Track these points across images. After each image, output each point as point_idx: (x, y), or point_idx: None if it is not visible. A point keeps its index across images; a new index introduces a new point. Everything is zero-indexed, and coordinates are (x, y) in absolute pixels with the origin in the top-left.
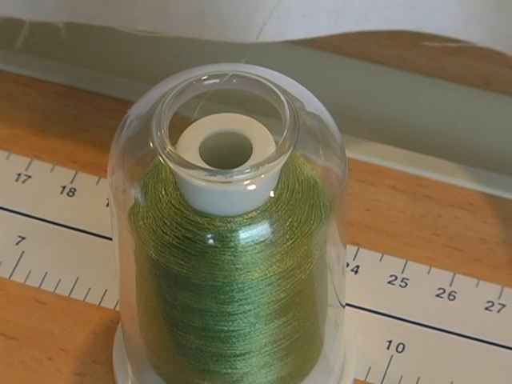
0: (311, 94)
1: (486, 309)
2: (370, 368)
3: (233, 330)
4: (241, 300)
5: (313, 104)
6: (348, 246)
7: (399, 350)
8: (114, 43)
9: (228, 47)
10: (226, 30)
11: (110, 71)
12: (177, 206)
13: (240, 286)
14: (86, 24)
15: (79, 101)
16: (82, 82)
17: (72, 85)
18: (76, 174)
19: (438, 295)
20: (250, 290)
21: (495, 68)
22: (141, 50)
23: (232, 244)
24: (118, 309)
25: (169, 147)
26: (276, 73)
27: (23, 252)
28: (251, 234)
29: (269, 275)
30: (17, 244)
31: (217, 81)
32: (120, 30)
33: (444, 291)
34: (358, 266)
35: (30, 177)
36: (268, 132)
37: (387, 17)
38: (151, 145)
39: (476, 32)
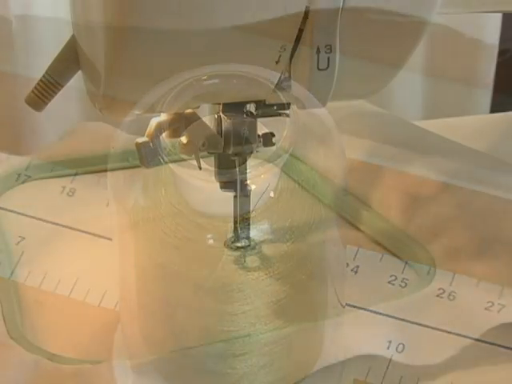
0: (311, 94)
1: (486, 309)
2: (369, 368)
3: (233, 330)
4: (241, 300)
5: (312, 104)
6: (348, 246)
7: (399, 350)
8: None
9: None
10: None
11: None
12: (177, 205)
13: (240, 286)
14: None
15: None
16: (82, 81)
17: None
18: (76, 174)
19: (438, 295)
20: (250, 290)
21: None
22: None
23: (232, 244)
24: (118, 309)
25: (169, 147)
26: (276, 73)
27: (23, 252)
28: (251, 234)
29: (269, 275)
30: (17, 244)
31: (217, 81)
32: None
33: (444, 291)
34: (357, 266)
35: (30, 177)
36: (269, 132)
37: None
38: (151, 145)
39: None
